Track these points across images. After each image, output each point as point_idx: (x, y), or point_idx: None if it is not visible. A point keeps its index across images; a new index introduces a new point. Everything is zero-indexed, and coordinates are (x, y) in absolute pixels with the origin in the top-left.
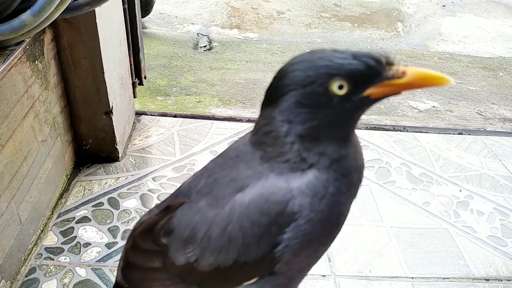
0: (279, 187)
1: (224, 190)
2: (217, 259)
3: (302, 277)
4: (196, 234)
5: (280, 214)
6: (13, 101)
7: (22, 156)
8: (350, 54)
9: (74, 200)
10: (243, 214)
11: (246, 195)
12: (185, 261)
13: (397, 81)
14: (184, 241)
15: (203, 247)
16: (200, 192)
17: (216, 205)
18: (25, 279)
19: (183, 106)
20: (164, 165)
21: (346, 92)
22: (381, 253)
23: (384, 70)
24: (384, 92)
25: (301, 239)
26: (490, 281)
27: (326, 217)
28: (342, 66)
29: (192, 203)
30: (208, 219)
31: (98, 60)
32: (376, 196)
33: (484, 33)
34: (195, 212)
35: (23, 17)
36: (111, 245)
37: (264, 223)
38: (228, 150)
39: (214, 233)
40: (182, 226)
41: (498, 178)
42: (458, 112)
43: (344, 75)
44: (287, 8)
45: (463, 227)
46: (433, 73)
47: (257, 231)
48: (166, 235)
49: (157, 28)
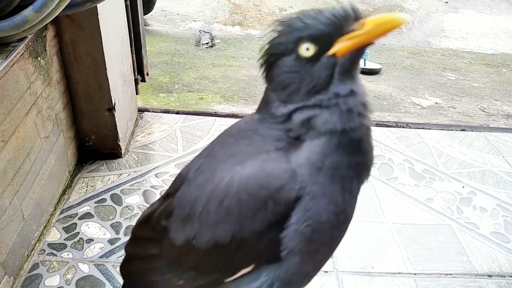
0: (281, 162)
1: (222, 165)
2: (214, 234)
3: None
4: (195, 210)
5: (278, 190)
6: (15, 98)
7: (25, 153)
8: (313, 15)
9: (77, 196)
10: (242, 187)
11: (246, 168)
12: (184, 240)
13: (355, 32)
14: (183, 219)
15: (202, 222)
16: (198, 170)
17: (214, 178)
18: (28, 274)
19: (185, 103)
20: (167, 161)
21: (314, 53)
22: (384, 249)
23: (347, 25)
24: (348, 47)
25: (310, 221)
26: (493, 277)
27: (329, 190)
28: (305, 28)
29: (190, 181)
30: (207, 193)
31: (100, 57)
32: (379, 193)
33: (487, 29)
34: (193, 189)
35: (25, 13)
36: (114, 241)
37: (261, 197)
38: (229, 128)
39: (212, 206)
40: (181, 204)
41: (501, 174)
42: (461, 108)
43: (307, 37)
44: (289, 5)
45: (466, 223)
46: (388, 16)
47: (253, 204)
48: (166, 217)
49: (159, 25)
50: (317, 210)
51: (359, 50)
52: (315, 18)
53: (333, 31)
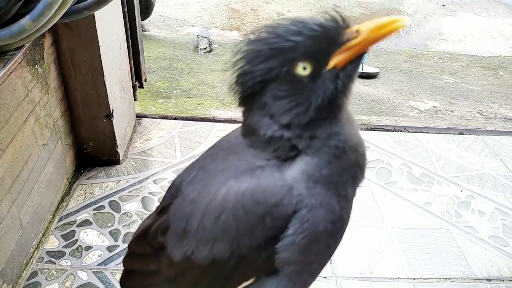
0: (277, 178)
1: (215, 179)
2: (212, 250)
3: (312, 281)
4: (191, 225)
5: (276, 206)
6: (13, 106)
7: (23, 160)
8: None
9: (75, 203)
10: (238, 203)
11: (242, 183)
12: (182, 256)
13: (353, 42)
14: (180, 235)
15: (198, 238)
16: (192, 183)
17: (208, 193)
18: (27, 283)
19: (183, 109)
20: (165, 167)
21: (312, 71)
22: (383, 254)
23: (339, 35)
24: (346, 58)
25: (307, 232)
26: (492, 281)
27: (326, 200)
28: (295, 47)
29: (184, 195)
30: (201, 208)
31: (98, 64)
32: (377, 197)
33: (484, 32)
34: (188, 204)
35: (22, 22)
36: (113, 248)
37: (258, 213)
38: (220, 142)
39: (208, 222)
40: (177, 220)
41: (500, 178)
42: (458, 112)
43: (301, 56)
44: (287, 10)
45: (465, 228)
46: (384, 20)
47: (250, 220)
48: (162, 233)
49: (157, 30)
50: (314, 221)
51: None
52: (301, 33)
53: (328, 45)
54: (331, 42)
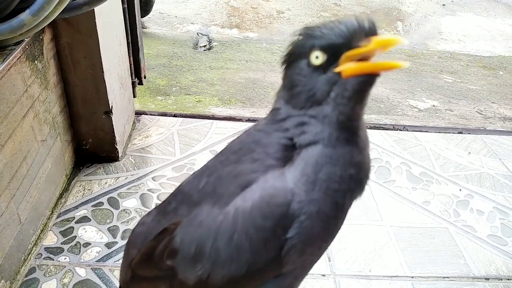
0: (279, 188)
1: (227, 188)
2: (229, 270)
3: (305, 274)
4: (203, 249)
5: (284, 216)
6: (12, 101)
7: (22, 156)
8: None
9: (74, 200)
10: (247, 221)
11: (247, 199)
12: (196, 280)
13: (360, 49)
14: (191, 259)
15: (213, 261)
16: (203, 191)
17: (220, 207)
18: (25, 279)
19: (183, 106)
20: (164, 164)
21: (322, 62)
22: (381, 253)
23: (357, 39)
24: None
25: (304, 237)
26: (490, 280)
27: (323, 208)
28: (320, 37)
29: (191, 216)
30: (213, 230)
31: (98, 60)
32: (376, 196)
33: (484, 32)
34: (197, 226)
35: (22, 17)
36: (111, 245)
37: (269, 227)
38: (230, 145)
39: (221, 244)
40: (186, 243)
41: (498, 177)
42: (458, 111)
43: (318, 45)
44: (287, 8)
45: (463, 226)
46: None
47: (263, 235)
48: (171, 256)
49: (156, 27)
50: (311, 227)
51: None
52: (331, 29)
53: (341, 43)
54: (346, 42)
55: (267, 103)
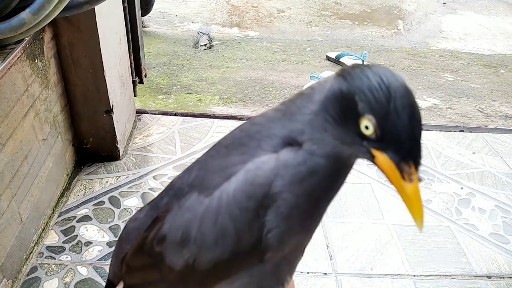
0: (263, 168)
1: (213, 180)
2: (214, 254)
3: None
4: (189, 234)
5: (265, 196)
6: (13, 100)
7: (23, 155)
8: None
9: (75, 199)
10: (230, 202)
11: (232, 182)
12: (183, 264)
13: (397, 174)
14: (178, 244)
15: (199, 245)
16: (192, 185)
17: (204, 197)
18: (27, 278)
19: (183, 105)
20: (165, 163)
21: (366, 135)
22: (383, 251)
23: (408, 151)
24: (388, 168)
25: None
26: (492, 278)
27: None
28: (385, 114)
29: (180, 203)
30: (198, 215)
31: (98, 59)
32: (378, 194)
33: (485, 30)
34: (184, 212)
35: (22, 16)
36: (112, 244)
37: (252, 207)
38: (221, 140)
39: (206, 228)
40: (173, 229)
41: (500, 175)
42: (459, 109)
43: (380, 125)
44: (287, 6)
45: (465, 225)
46: (418, 207)
47: (246, 216)
48: (159, 243)
49: (157, 26)
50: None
51: None
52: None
53: (399, 144)
54: (400, 149)
55: (268, 102)
